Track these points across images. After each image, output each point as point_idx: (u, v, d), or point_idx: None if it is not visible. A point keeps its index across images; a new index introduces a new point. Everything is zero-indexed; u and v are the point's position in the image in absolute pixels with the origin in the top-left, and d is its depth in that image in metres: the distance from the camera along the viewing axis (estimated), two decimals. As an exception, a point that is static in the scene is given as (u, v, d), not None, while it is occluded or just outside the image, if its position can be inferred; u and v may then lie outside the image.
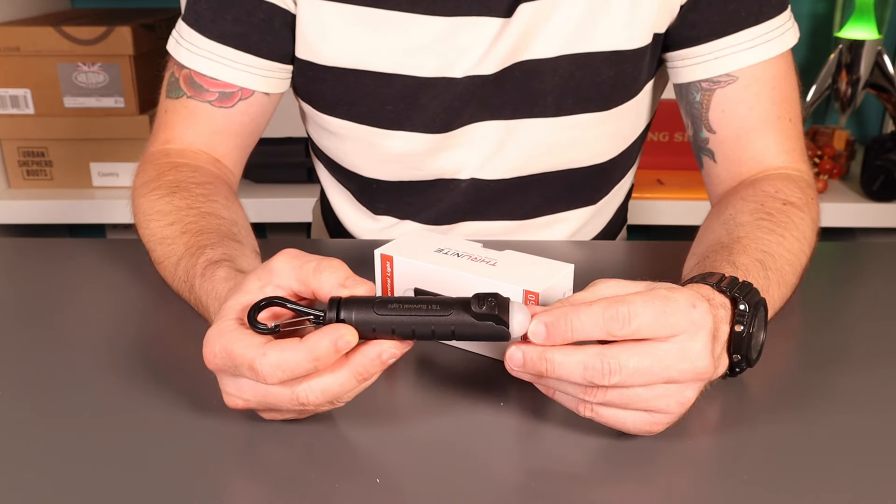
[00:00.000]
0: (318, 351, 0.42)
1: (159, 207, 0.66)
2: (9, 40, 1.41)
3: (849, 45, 1.50)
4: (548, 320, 0.43)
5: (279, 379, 0.43)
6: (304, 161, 1.50)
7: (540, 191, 0.80)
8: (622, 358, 0.43)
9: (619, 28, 0.71)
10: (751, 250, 0.58)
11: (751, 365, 0.50)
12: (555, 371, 0.43)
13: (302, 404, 0.44)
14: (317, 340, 0.42)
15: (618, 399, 0.44)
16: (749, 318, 0.48)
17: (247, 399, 0.45)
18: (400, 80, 0.72)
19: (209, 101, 0.74)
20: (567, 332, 0.43)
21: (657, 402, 0.44)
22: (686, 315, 0.43)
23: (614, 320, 0.43)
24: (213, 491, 0.44)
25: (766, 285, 0.55)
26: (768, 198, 0.66)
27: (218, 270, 0.56)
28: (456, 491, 0.43)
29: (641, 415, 0.45)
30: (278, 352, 0.42)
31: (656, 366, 0.43)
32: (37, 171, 1.50)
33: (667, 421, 0.45)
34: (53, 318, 0.63)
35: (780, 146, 0.73)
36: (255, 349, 0.43)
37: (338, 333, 0.42)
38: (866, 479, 0.45)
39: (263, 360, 0.42)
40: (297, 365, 0.42)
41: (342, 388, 0.44)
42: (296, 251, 0.47)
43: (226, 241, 0.61)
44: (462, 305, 0.44)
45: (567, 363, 0.43)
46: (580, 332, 0.43)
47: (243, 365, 0.43)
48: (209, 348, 0.44)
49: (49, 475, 0.45)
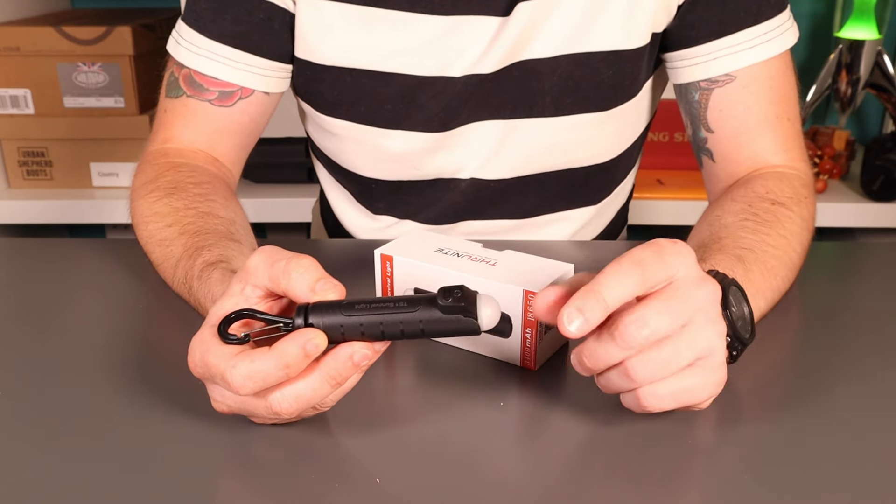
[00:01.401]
0: (288, 357, 0.41)
1: (157, 209, 0.66)
2: (9, 40, 1.41)
3: (849, 45, 1.50)
4: (580, 304, 0.42)
5: (251, 389, 0.42)
6: (304, 161, 1.50)
7: (540, 191, 0.81)
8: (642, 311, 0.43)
9: (617, 28, 0.71)
10: (729, 249, 0.58)
11: (745, 343, 0.49)
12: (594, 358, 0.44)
13: (276, 413, 0.43)
14: (285, 347, 0.41)
15: (662, 366, 0.43)
16: (723, 299, 0.48)
17: (229, 405, 0.45)
18: (399, 79, 0.73)
19: (209, 101, 0.74)
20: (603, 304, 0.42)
21: (697, 343, 0.44)
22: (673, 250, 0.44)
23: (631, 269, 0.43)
24: (212, 491, 0.44)
25: (745, 276, 0.55)
26: (757, 198, 0.66)
27: (213, 272, 0.56)
28: (456, 491, 0.44)
29: (694, 370, 0.44)
30: (248, 362, 0.42)
31: (673, 300, 0.43)
32: (37, 171, 1.50)
33: (720, 361, 0.45)
34: (53, 318, 0.63)
35: (778, 146, 0.73)
36: (226, 360, 0.42)
37: (305, 338, 0.41)
38: (865, 478, 0.45)
39: (234, 371, 0.42)
40: (268, 374, 0.42)
41: (315, 394, 0.43)
42: (271, 248, 0.46)
43: (223, 242, 0.61)
44: (429, 301, 0.43)
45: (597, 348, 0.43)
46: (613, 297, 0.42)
47: (217, 375, 0.43)
48: (191, 356, 0.45)
49: (48, 475, 0.45)
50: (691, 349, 0.44)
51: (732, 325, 0.48)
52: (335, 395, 0.46)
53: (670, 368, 0.44)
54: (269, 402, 0.43)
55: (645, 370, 0.44)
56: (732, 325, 0.48)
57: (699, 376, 0.45)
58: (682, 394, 0.45)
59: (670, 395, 0.45)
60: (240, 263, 0.58)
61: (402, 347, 0.58)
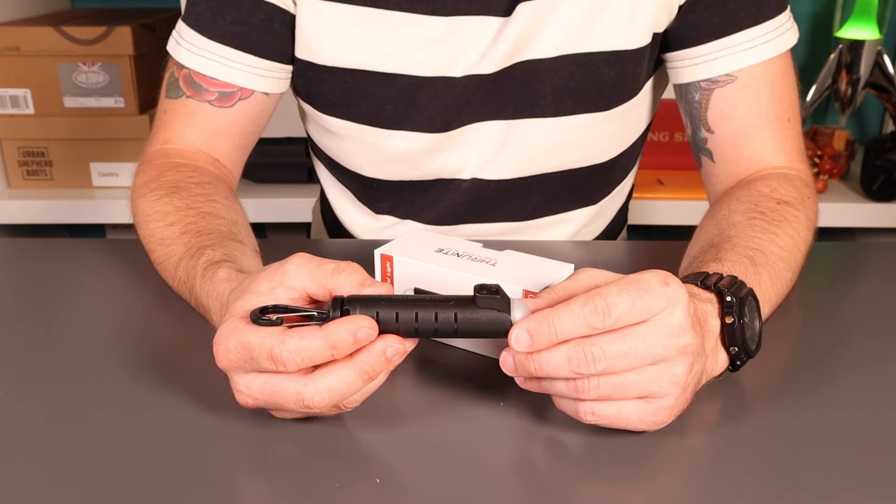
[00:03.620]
0: (336, 339, 0.42)
1: (159, 208, 0.66)
2: (9, 40, 1.41)
3: (849, 45, 1.50)
4: (529, 327, 0.44)
5: (298, 365, 0.43)
6: (304, 161, 1.50)
7: (541, 191, 0.81)
8: (603, 344, 0.43)
9: (618, 28, 0.71)
10: (740, 248, 0.58)
11: (751, 356, 0.50)
12: (542, 368, 0.44)
13: (308, 406, 0.44)
14: (336, 329, 0.43)
15: (611, 390, 0.44)
16: (738, 308, 0.48)
17: (255, 397, 0.45)
18: (400, 79, 0.73)
19: (209, 101, 0.74)
20: (551, 335, 0.44)
21: (650, 384, 0.44)
22: (660, 293, 0.44)
23: (594, 314, 0.43)
24: (213, 490, 0.44)
25: (756, 280, 0.55)
26: (762, 197, 0.66)
27: (219, 271, 0.56)
28: (456, 491, 0.44)
29: (640, 404, 0.45)
30: (297, 339, 0.43)
31: (639, 345, 0.43)
32: (37, 171, 1.50)
33: (668, 406, 0.45)
34: (53, 318, 0.63)
35: (778, 146, 0.73)
36: (273, 337, 0.43)
37: (357, 324, 0.43)
38: (865, 477, 0.45)
39: (283, 346, 0.42)
40: (315, 352, 0.42)
41: (349, 388, 0.44)
42: (310, 255, 0.47)
43: (226, 242, 0.61)
44: (465, 298, 0.45)
45: (552, 359, 0.44)
46: (563, 332, 0.43)
47: (262, 355, 0.43)
48: (223, 345, 0.44)
49: (49, 475, 0.45)
50: (643, 387, 0.44)
51: (742, 336, 0.48)
52: (361, 393, 0.46)
53: (619, 394, 0.45)
54: (301, 394, 0.43)
55: (595, 391, 0.44)
56: (742, 336, 0.48)
57: (642, 411, 0.45)
58: (620, 420, 0.46)
59: (609, 416, 0.45)
60: (244, 264, 0.58)
61: (402, 347, 0.58)
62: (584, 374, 0.44)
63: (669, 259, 0.69)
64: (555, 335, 0.43)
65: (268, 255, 0.61)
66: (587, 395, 0.44)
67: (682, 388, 0.45)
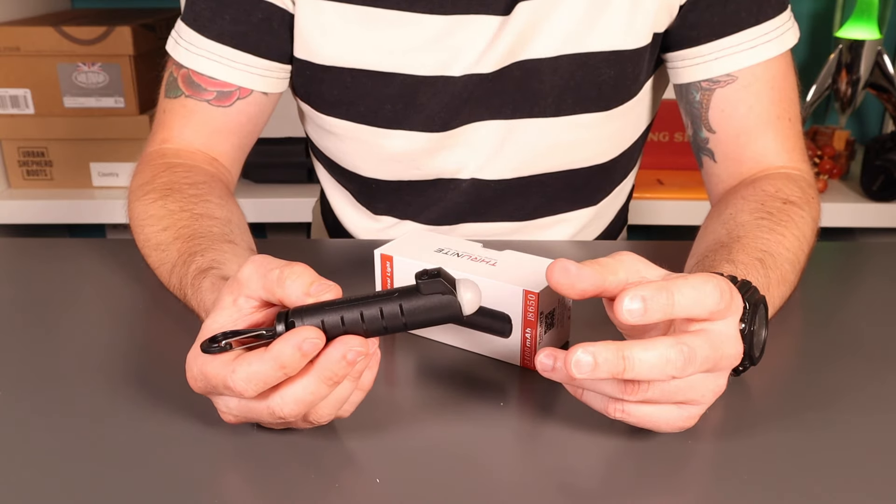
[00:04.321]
0: (283, 358, 0.41)
1: (153, 212, 0.66)
2: (9, 40, 1.41)
3: (849, 45, 1.50)
4: (645, 294, 0.41)
5: (254, 391, 0.42)
6: (304, 161, 1.50)
7: (541, 191, 0.80)
8: (696, 346, 0.41)
9: (618, 28, 0.71)
10: (750, 249, 0.58)
11: (754, 363, 0.50)
12: (634, 370, 0.40)
13: (280, 418, 0.43)
14: (280, 348, 0.41)
15: (658, 395, 0.43)
16: (749, 316, 0.48)
17: (236, 415, 0.45)
18: (399, 78, 0.72)
19: (207, 101, 0.74)
20: (668, 307, 0.41)
21: (693, 391, 0.43)
22: (736, 301, 0.43)
23: (714, 295, 0.41)
24: (212, 491, 0.44)
25: (765, 284, 0.55)
26: (768, 197, 0.66)
27: (204, 281, 0.55)
28: (455, 491, 0.43)
29: (674, 409, 0.44)
30: (245, 365, 0.42)
31: (715, 353, 0.42)
32: (37, 171, 1.50)
33: (699, 413, 0.45)
34: (53, 318, 0.63)
35: (779, 146, 0.73)
36: (225, 367, 0.42)
37: (301, 337, 0.41)
38: (867, 478, 0.45)
39: (234, 376, 0.42)
40: (266, 375, 0.41)
41: (314, 396, 0.43)
42: (262, 258, 0.45)
43: (216, 245, 0.60)
44: (408, 289, 0.43)
45: (649, 359, 0.40)
46: (682, 307, 0.41)
47: (219, 385, 0.43)
48: (189, 373, 0.45)
49: (48, 475, 0.45)
50: (687, 394, 0.44)
51: (749, 344, 0.48)
52: (352, 400, 0.46)
53: (664, 399, 0.44)
54: (270, 406, 0.43)
55: (643, 394, 0.43)
56: (749, 344, 0.48)
57: (674, 416, 0.45)
58: (649, 422, 0.45)
59: (639, 416, 0.44)
60: (233, 267, 0.57)
61: (402, 348, 0.58)
62: (676, 376, 0.41)
63: (669, 259, 0.68)
64: (671, 307, 0.41)
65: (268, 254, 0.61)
66: (633, 397, 0.43)
67: (716, 395, 0.45)
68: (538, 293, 0.52)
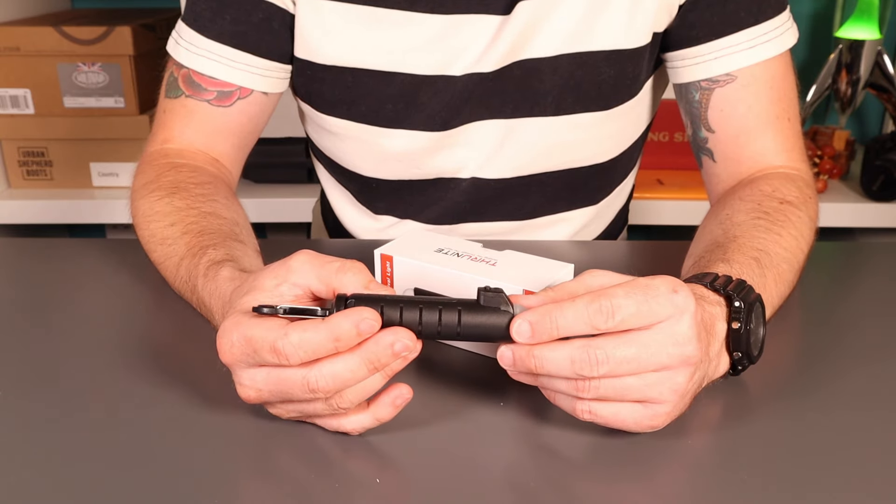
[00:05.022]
0: (340, 331, 0.42)
1: (159, 208, 0.66)
2: (9, 40, 1.41)
3: (849, 45, 1.50)
4: (532, 319, 0.44)
5: (300, 359, 0.43)
6: (304, 161, 1.50)
7: (541, 191, 0.80)
8: (608, 348, 0.43)
9: (618, 27, 0.71)
10: (746, 249, 0.58)
11: (752, 362, 0.50)
12: (543, 366, 0.44)
13: (313, 391, 0.43)
14: (338, 321, 0.42)
15: (611, 392, 0.44)
16: (745, 314, 0.48)
17: (259, 389, 0.45)
18: (399, 78, 0.72)
19: (207, 101, 0.74)
20: (552, 330, 0.43)
21: (650, 390, 0.44)
22: (668, 300, 0.43)
23: (598, 314, 0.43)
24: (212, 490, 0.44)
25: (762, 283, 0.55)
26: (765, 197, 0.66)
27: (221, 270, 0.55)
28: (455, 491, 0.43)
29: (637, 407, 0.45)
30: (300, 332, 0.42)
31: (643, 352, 0.43)
32: (37, 171, 1.50)
33: (665, 412, 0.45)
34: (53, 318, 0.63)
35: (779, 145, 0.73)
36: (276, 331, 0.43)
37: (360, 316, 0.42)
38: (866, 477, 0.45)
39: (286, 339, 0.42)
40: (319, 344, 0.42)
41: (353, 375, 0.43)
42: (314, 252, 0.47)
43: (228, 242, 0.61)
44: (469, 302, 0.45)
45: (554, 358, 0.44)
46: (565, 328, 0.43)
47: (264, 348, 0.43)
48: (226, 339, 0.44)
49: (49, 475, 0.45)
50: (644, 392, 0.44)
51: (747, 342, 0.48)
52: (364, 422, 0.46)
53: (618, 396, 0.45)
54: (306, 378, 0.43)
55: (595, 392, 0.44)
56: (747, 342, 0.48)
57: (639, 415, 0.45)
58: (617, 420, 0.46)
59: (606, 416, 0.45)
60: (246, 263, 0.58)
61: (402, 347, 0.58)
62: (586, 377, 0.43)
63: (669, 259, 0.69)
64: (556, 330, 0.43)
65: (268, 255, 0.61)
66: (586, 395, 0.44)
67: (680, 395, 0.45)
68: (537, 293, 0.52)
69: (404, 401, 0.46)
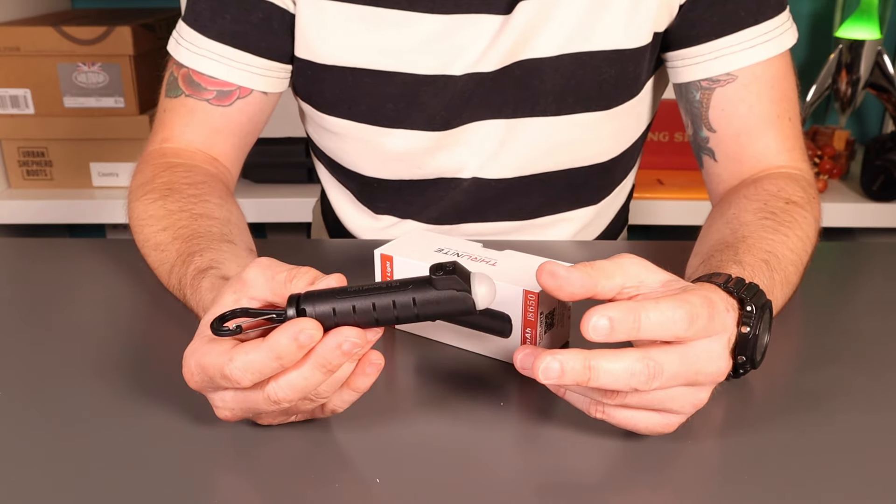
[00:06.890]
0: (280, 348, 0.41)
1: (152, 212, 0.66)
2: (9, 40, 1.41)
3: (849, 44, 1.50)
4: (613, 315, 0.41)
5: (250, 381, 0.42)
6: (304, 161, 1.50)
7: (542, 190, 0.80)
8: (664, 362, 0.42)
9: (619, 27, 0.71)
10: (756, 250, 0.58)
11: (755, 367, 0.50)
12: (599, 379, 0.41)
13: (276, 403, 0.43)
14: (277, 338, 0.41)
15: (636, 402, 0.44)
16: (756, 319, 0.48)
17: (232, 409, 0.45)
18: (400, 78, 0.72)
19: (207, 100, 0.74)
20: (633, 329, 0.41)
21: (672, 402, 0.44)
22: (722, 319, 0.44)
23: (684, 321, 0.42)
24: (211, 490, 0.44)
25: (770, 286, 0.55)
26: (771, 196, 0.66)
27: (203, 280, 0.55)
28: (455, 491, 0.43)
29: (654, 415, 0.45)
30: (243, 354, 0.42)
31: (689, 369, 0.43)
32: (37, 171, 1.50)
33: (678, 421, 0.45)
34: (53, 318, 0.63)
35: (780, 145, 0.73)
36: (222, 356, 0.42)
37: (297, 328, 0.41)
38: (870, 479, 0.45)
39: (231, 364, 0.42)
40: (263, 365, 0.42)
41: (308, 382, 0.43)
42: (268, 260, 0.46)
43: (215, 245, 0.60)
44: (422, 280, 0.43)
45: (613, 370, 0.41)
46: (648, 330, 0.41)
47: (216, 375, 0.43)
48: (186, 368, 0.45)
49: (48, 475, 0.45)
50: (665, 404, 0.44)
51: (753, 348, 0.48)
52: (345, 398, 0.46)
53: (641, 406, 0.44)
54: (266, 392, 0.43)
55: (621, 399, 0.44)
56: (753, 348, 0.48)
57: (653, 421, 0.45)
58: (629, 423, 0.45)
59: (619, 419, 0.45)
60: (232, 266, 0.57)
61: (402, 348, 0.58)
62: (641, 390, 0.42)
63: (669, 259, 0.68)
64: (637, 331, 0.41)
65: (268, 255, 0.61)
66: (612, 401, 0.44)
67: (696, 408, 0.45)
68: (538, 293, 0.52)
69: (376, 367, 0.45)
